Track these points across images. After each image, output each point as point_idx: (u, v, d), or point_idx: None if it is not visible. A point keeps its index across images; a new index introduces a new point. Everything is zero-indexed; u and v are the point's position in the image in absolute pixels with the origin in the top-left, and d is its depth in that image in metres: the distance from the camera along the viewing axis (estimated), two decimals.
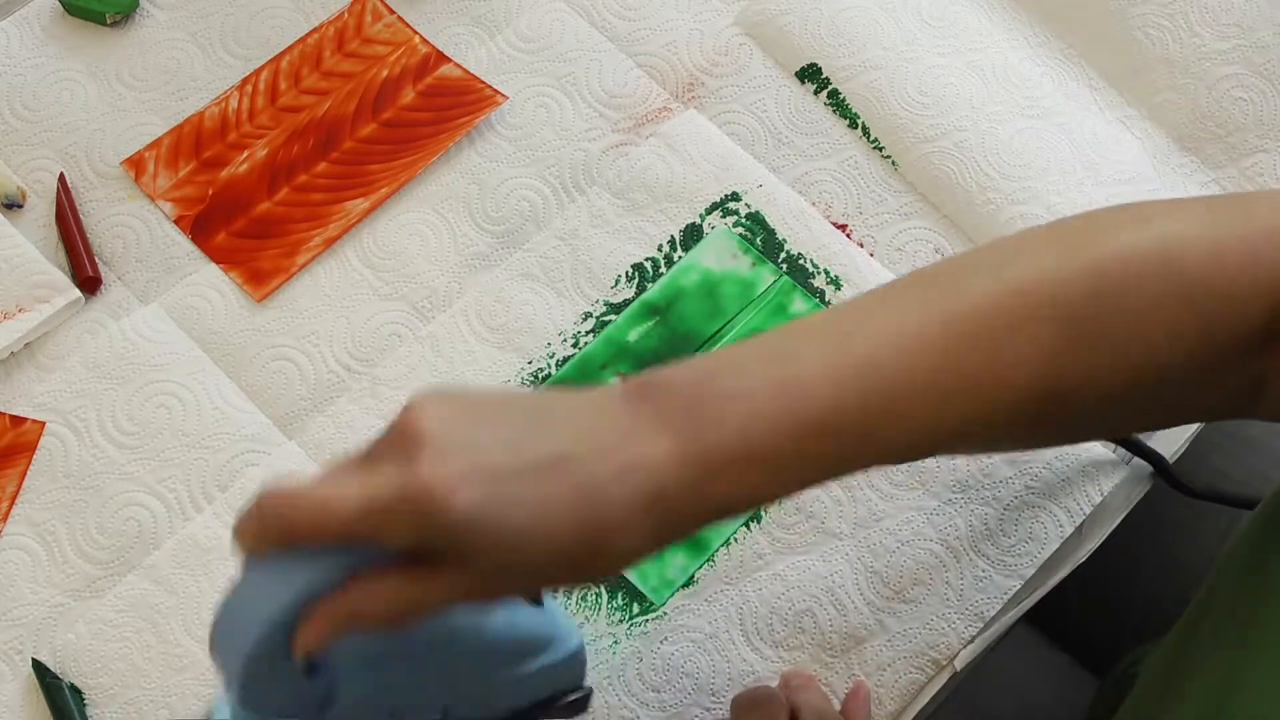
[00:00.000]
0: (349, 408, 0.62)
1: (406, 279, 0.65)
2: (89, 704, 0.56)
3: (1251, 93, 0.68)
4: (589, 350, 0.64)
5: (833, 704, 0.54)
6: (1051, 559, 0.60)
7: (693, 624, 0.58)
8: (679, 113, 0.70)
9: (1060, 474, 0.61)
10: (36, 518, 0.59)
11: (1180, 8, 0.71)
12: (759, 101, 0.70)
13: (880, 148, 0.68)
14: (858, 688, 0.56)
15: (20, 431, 0.61)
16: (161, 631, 0.57)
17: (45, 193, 0.67)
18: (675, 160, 0.68)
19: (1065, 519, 0.60)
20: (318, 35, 0.72)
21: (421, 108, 0.69)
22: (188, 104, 0.70)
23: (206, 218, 0.66)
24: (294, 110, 0.69)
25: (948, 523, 0.60)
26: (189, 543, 0.59)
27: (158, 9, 0.72)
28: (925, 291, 0.41)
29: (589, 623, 0.58)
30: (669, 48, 0.72)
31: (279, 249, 0.66)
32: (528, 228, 0.67)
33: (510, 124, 0.69)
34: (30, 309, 0.63)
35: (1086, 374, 0.40)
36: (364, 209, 0.67)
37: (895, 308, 0.40)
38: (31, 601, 0.58)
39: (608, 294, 0.65)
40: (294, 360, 0.64)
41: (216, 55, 0.71)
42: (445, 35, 0.72)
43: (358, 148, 0.68)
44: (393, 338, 0.64)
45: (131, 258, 0.66)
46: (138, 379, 0.62)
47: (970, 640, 0.58)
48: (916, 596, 0.59)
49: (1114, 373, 0.40)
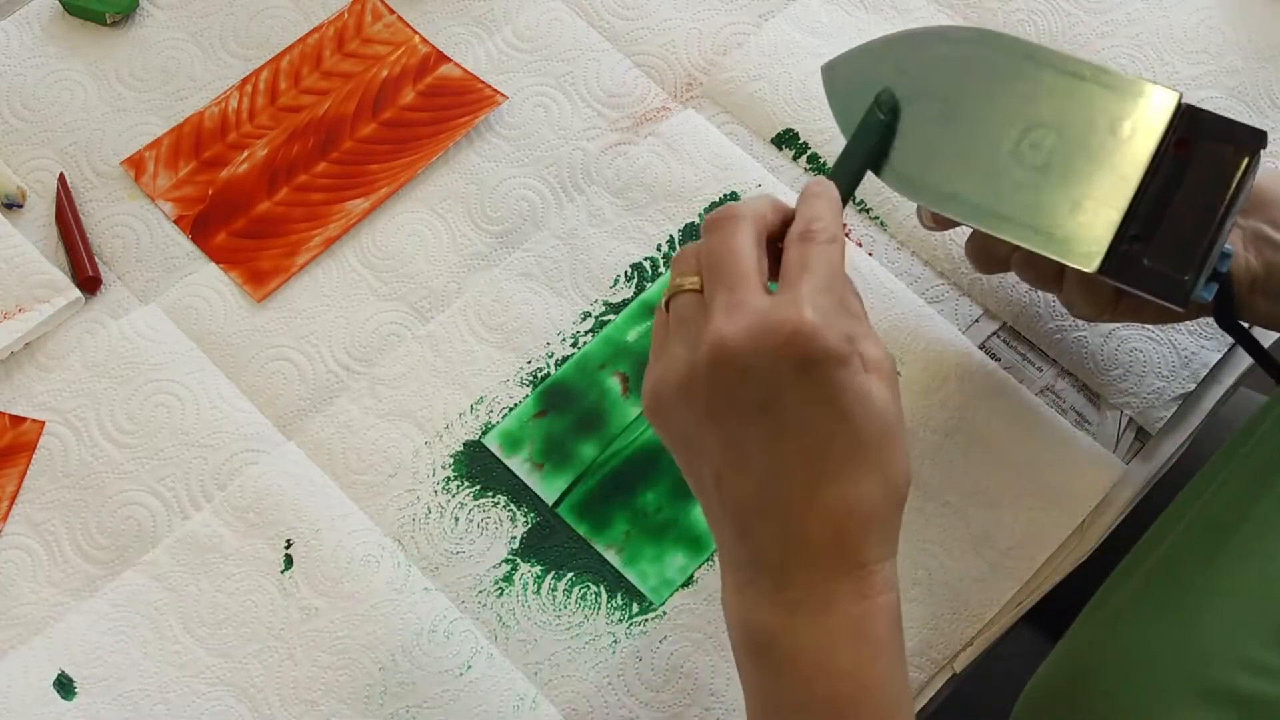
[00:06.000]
0: (348, 407, 0.62)
1: (405, 279, 0.65)
2: (81, 693, 0.56)
3: (1230, 114, 0.69)
4: (588, 350, 0.64)
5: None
6: (1051, 559, 0.60)
7: (693, 624, 0.58)
8: (677, 112, 0.70)
9: (1060, 474, 0.61)
10: (36, 517, 0.60)
11: (1148, 38, 0.72)
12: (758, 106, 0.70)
13: (868, 209, 0.68)
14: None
15: (20, 431, 0.61)
16: (160, 627, 0.57)
17: (45, 193, 0.67)
18: (674, 160, 0.68)
19: (1065, 519, 0.60)
20: (318, 35, 0.72)
21: (421, 108, 0.69)
22: (188, 104, 0.70)
23: (206, 218, 0.67)
24: (294, 110, 0.69)
25: (947, 523, 0.60)
26: (187, 541, 0.59)
27: (158, 9, 0.72)
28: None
29: (588, 622, 0.58)
30: (667, 47, 0.72)
31: (279, 249, 0.66)
32: (526, 227, 0.67)
33: (509, 124, 0.69)
34: (30, 309, 0.63)
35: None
36: (364, 209, 0.67)
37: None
38: (31, 601, 0.58)
39: (607, 294, 0.65)
40: (293, 360, 0.64)
41: (216, 55, 0.71)
42: (445, 35, 0.72)
43: (357, 148, 0.68)
44: (392, 338, 0.64)
45: (131, 257, 0.66)
46: (137, 378, 0.62)
47: (970, 641, 0.58)
48: (916, 596, 0.59)
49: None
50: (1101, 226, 0.51)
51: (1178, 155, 0.51)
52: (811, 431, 0.43)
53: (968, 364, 0.63)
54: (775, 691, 0.45)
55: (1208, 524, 0.48)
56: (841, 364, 0.42)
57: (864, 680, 0.43)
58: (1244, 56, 0.72)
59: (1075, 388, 0.64)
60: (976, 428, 0.62)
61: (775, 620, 0.44)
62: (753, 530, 0.44)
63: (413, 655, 0.57)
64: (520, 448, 0.62)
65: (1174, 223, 0.50)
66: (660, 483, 0.61)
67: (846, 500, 0.43)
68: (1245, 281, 0.55)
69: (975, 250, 0.58)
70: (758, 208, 0.47)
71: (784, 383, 0.42)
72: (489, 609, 0.58)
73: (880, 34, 0.57)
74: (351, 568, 0.58)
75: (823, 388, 0.42)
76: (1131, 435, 0.63)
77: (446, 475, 0.61)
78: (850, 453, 0.43)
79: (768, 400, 0.43)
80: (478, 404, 0.63)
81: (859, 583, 0.44)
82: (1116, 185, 0.51)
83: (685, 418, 0.45)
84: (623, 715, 0.56)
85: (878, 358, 0.44)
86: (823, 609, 0.44)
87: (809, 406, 0.43)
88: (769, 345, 0.42)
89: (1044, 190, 0.52)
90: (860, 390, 0.43)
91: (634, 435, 0.62)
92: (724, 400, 0.44)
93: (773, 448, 0.43)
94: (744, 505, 0.44)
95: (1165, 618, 0.45)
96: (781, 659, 0.44)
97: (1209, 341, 0.64)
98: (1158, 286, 0.50)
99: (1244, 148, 0.50)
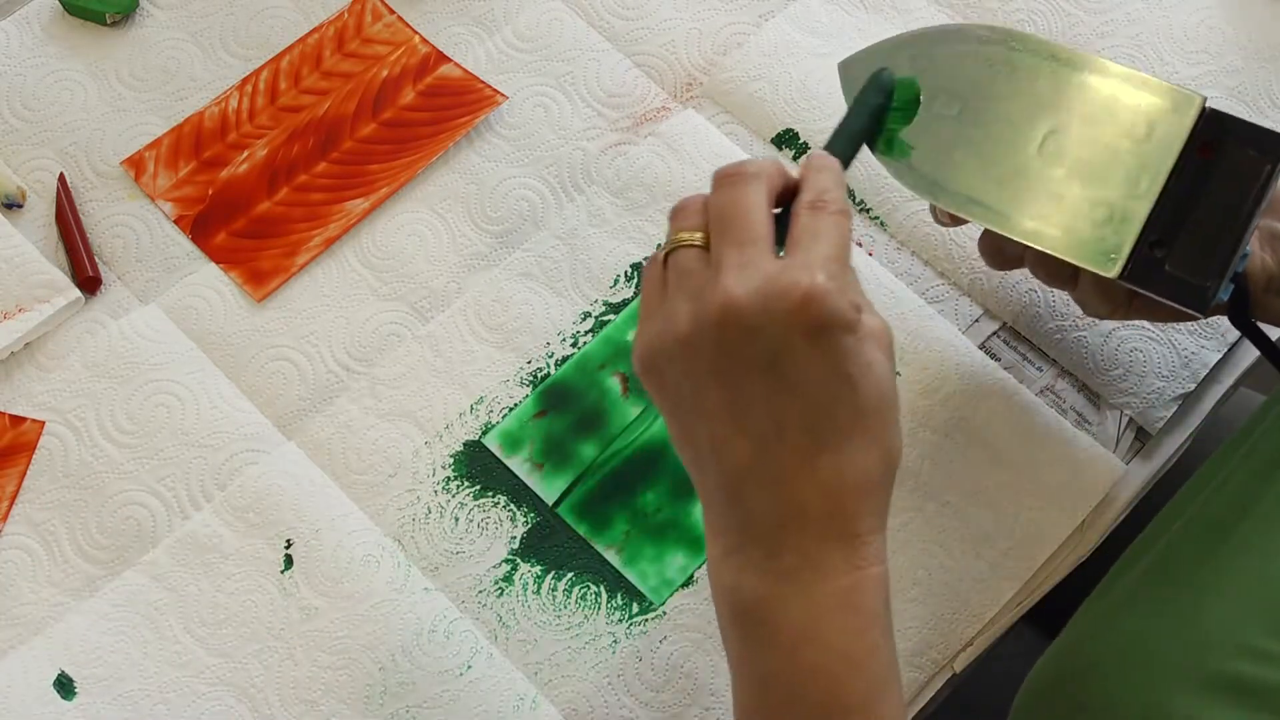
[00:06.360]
0: (348, 407, 0.62)
1: (405, 279, 0.65)
2: (81, 693, 0.56)
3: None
4: (588, 350, 0.64)
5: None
6: (1051, 559, 0.60)
7: (693, 624, 0.58)
8: (677, 112, 0.70)
9: (1060, 474, 0.61)
10: (36, 517, 0.60)
11: (1148, 38, 0.72)
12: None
13: (867, 209, 0.68)
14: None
15: (20, 431, 0.61)
16: (160, 627, 0.57)
17: (45, 193, 0.67)
18: (674, 160, 0.68)
19: (1065, 519, 0.60)
20: (318, 35, 0.72)
21: (421, 108, 0.69)
22: (188, 104, 0.70)
23: (206, 218, 0.67)
24: (294, 110, 0.69)
25: (947, 523, 0.60)
26: (187, 541, 0.59)
27: (158, 9, 0.72)
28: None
29: (588, 622, 0.58)
30: (667, 47, 0.72)
31: (279, 249, 0.66)
32: (526, 227, 0.67)
33: (509, 124, 0.69)
34: (30, 309, 0.63)
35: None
36: (364, 209, 0.67)
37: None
38: (31, 601, 0.58)
39: (607, 293, 0.65)
40: (293, 360, 0.64)
41: (216, 55, 0.71)
42: (445, 35, 0.72)
43: (357, 148, 0.68)
44: (391, 338, 0.64)
45: (131, 257, 0.66)
46: (137, 378, 0.62)
47: (970, 641, 0.58)
48: (916, 596, 0.59)
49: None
50: (1123, 232, 0.50)
51: (1201, 160, 0.50)
52: (815, 396, 0.43)
53: (968, 364, 0.63)
54: (762, 662, 0.44)
55: (1208, 520, 0.48)
56: (849, 331, 0.42)
57: (852, 652, 0.43)
58: (1244, 56, 0.72)
59: (1075, 388, 0.64)
60: (976, 428, 0.62)
61: (764, 588, 0.44)
62: (746, 495, 0.44)
63: (413, 655, 0.57)
64: (520, 448, 0.62)
65: (1197, 229, 0.49)
66: (660, 483, 0.61)
67: (844, 469, 0.43)
68: (1261, 281, 0.54)
69: (988, 248, 0.58)
70: (769, 170, 0.46)
71: (792, 346, 0.42)
72: (489, 609, 0.58)
73: (880, 34, 0.57)
74: (351, 568, 0.58)
75: (830, 353, 0.42)
76: (1131, 435, 0.63)
77: (446, 475, 0.61)
78: (851, 421, 0.43)
79: (773, 362, 0.42)
80: (478, 404, 0.63)
81: (851, 553, 0.43)
82: (1139, 190, 0.50)
83: (684, 375, 0.44)
84: (623, 715, 0.56)
85: (880, 328, 0.44)
86: (814, 578, 0.43)
87: (815, 371, 0.42)
88: (780, 308, 0.42)
89: (1065, 194, 0.51)
90: (865, 358, 0.43)
91: (634, 435, 0.62)
92: (729, 359, 0.43)
93: (775, 410, 0.43)
94: (739, 469, 0.44)
95: (1165, 610, 0.45)
96: (770, 628, 0.44)
97: (1209, 341, 0.64)
98: (1179, 293, 0.50)
99: (1269, 153, 0.49)
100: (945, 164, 0.53)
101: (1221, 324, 0.65)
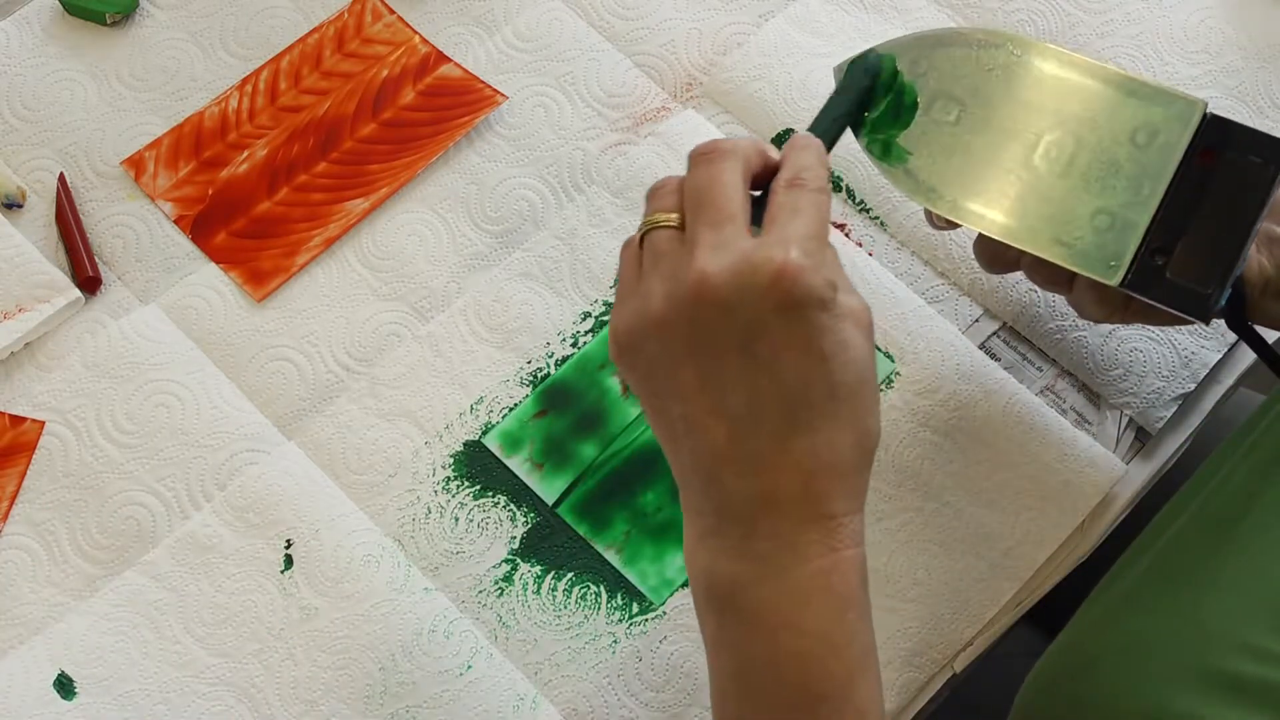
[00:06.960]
0: (348, 407, 0.62)
1: (405, 279, 0.65)
2: (81, 693, 0.56)
3: (1229, 115, 0.69)
4: (588, 350, 0.64)
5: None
6: (1051, 559, 0.60)
7: (693, 624, 0.58)
8: (677, 112, 0.70)
9: (1060, 474, 0.61)
10: (36, 517, 0.60)
11: (1148, 38, 0.72)
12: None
13: (867, 209, 0.68)
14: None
15: (20, 431, 0.61)
16: (160, 627, 0.57)
17: (45, 193, 0.67)
18: (674, 160, 0.68)
19: (1065, 519, 0.60)
20: (318, 35, 0.72)
21: (421, 108, 0.69)
22: (188, 104, 0.70)
23: (206, 218, 0.67)
24: (294, 110, 0.69)
25: (947, 523, 0.60)
26: (187, 541, 0.59)
27: (158, 9, 0.72)
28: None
29: (588, 622, 0.58)
30: (667, 47, 0.72)
31: (279, 249, 0.66)
32: (526, 227, 0.67)
33: (509, 124, 0.69)
34: (30, 309, 0.63)
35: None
36: (364, 209, 0.67)
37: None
38: (31, 601, 0.58)
39: (607, 294, 0.65)
40: (293, 360, 0.64)
41: (216, 55, 0.71)
42: (445, 35, 0.72)
43: (357, 148, 0.68)
44: (391, 338, 0.64)
45: (131, 258, 0.66)
46: (137, 378, 0.62)
47: (970, 641, 0.58)
48: (916, 596, 0.59)
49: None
50: (1124, 239, 0.49)
51: (1203, 166, 0.49)
52: (789, 375, 0.42)
53: (968, 364, 0.63)
54: (740, 646, 0.44)
55: (1209, 518, 0.47)
56: (824, 308, 0.42)
57: (830, 635, 0.43)
58: (1244, 56, 0.72)
59: (1075, 388, 0.64)
60: (976, 428, 0.62)
61: (741, 570, 0.43)
62: (721, 477, 0.43)
63: (413, 655, 0.57)
64: (520, 448, 0.62)
65: (1198, 236, 0.49)
66: (660, 483, 0.61)
67: (818, 450, 0.43)
68: (1258, 284, 0.54)
69: (985, 252, 0.58)
70: (746, 148, 0.45)
71: (766, 323, 0.42)
72: (489, 609, 0.58)
73: (880, 34, 0.56)
74: (351, 568, 0.58)
75: (804, 330, 0.42)
76: (1131, 435, 0.63)
77: (446, 475, 0.61)
78: (826, 401, 0.42)
79: (748, 340, 0.42)
80: (478, 404, 0.63)
81: (827, 535, 0.43)
82: (1140, 196, 0.50)
83: (660, 356, 0.44)
84: (623, 715, 0.56)
85: (858, 308, 0.43)
86: (790, 561, 0.43)
87: (789, 349, 0.42)
88: (753, 285, 0.41)
89: (1065, 200, 0.51)
90: (841, 336, 0.42)
91: (634, 435, 0.62)
92: (703, 339, 0.42)
93: (749, 390, 0.42)
94: (714, 451, 0.43)
95: (1166, 607, 0.45)
96: (747, 611, 0.43)
97: (1209, 341, 0.64)
98: (1181, 301, 0.49)
99: (1271, 159, 0.49)
100: (943, 170, 0.52)
101: (1221, 324, 0.65)
